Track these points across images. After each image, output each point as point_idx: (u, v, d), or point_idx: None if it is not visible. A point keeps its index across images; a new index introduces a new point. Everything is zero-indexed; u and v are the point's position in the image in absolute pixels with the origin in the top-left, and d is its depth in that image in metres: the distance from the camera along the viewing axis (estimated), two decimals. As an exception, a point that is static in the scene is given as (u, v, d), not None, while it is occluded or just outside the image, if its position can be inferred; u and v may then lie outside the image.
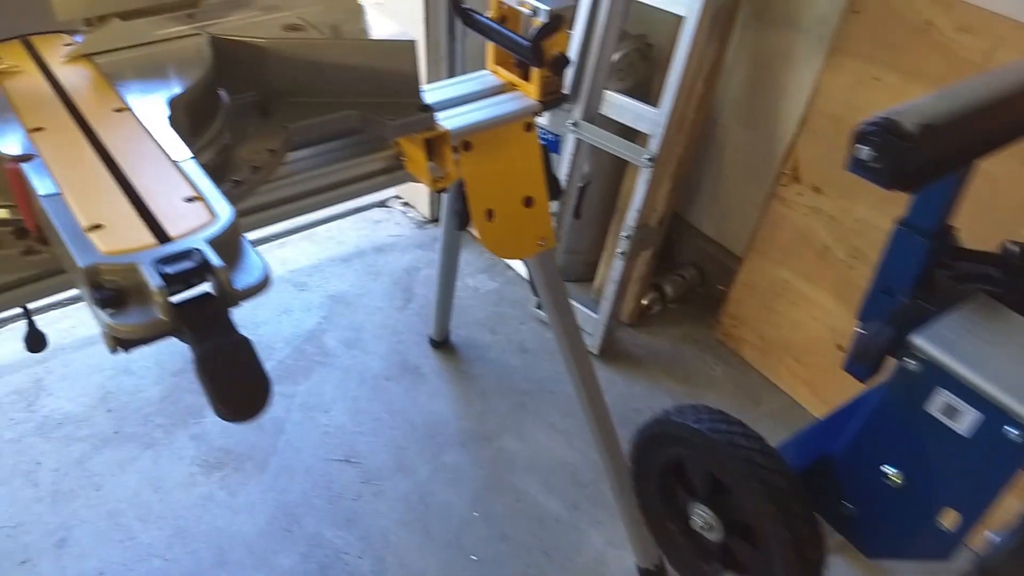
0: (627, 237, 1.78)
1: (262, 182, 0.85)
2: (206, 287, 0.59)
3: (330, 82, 0.96)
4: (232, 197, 0.80)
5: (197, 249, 0.59)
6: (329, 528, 1.57)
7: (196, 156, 0.84)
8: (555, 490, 1.65)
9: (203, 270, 0.59)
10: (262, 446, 1.72)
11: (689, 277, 2.11)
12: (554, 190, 1.23)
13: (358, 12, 1.01)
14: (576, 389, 1.42)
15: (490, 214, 1.16)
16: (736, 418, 0.77)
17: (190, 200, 0.65)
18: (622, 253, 1.80)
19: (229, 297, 0.59)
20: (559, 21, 1.05)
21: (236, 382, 0.58)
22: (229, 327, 0.58)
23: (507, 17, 1.16)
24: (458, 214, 1.20)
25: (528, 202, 1.19)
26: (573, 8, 1.73)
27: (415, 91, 0.98)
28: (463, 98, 1.16)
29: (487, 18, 1.15)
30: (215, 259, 0.58)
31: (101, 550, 1.51)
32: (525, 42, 1.08)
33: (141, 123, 0.75)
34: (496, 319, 2.06)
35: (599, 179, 1.97)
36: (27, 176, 0.67)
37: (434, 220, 2.39)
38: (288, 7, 0.98)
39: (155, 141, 0.72)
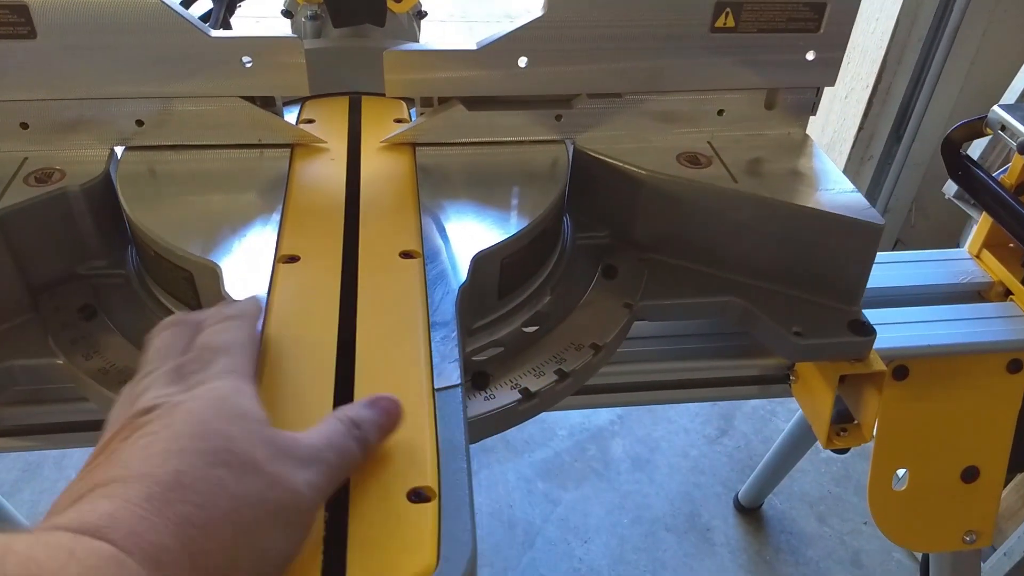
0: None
1: (561, 398, 0.55)
2: None
3: (718, 246, 0.62)
4: (510, 417, 0.52)
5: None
6: None
7: (493, 327, 0.57)
8: None
9: None
10: (506, 554, 1.48)
11: None
12: (1021, 460, 0.76)
13: (798, 148, 0.66)
14: None
15: (900, 478, 0.74)
16: None
17: (417, 496, 0.37)
18: (1060, 511, 1.22)
19: None
20: None
21: None
22: None
23: (1033, 186, 0.71)
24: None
25: (970, 475, 0.74)
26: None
27: (854, 296, 0.60)
28: (912, 292, 0.74)
29: (997, 182, 0.72)
30: None
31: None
32: (1065, 246, 0.63)
33: (424, 291, 0.49)
34: (831, 504, 1.57)
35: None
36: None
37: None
38: (699, 121, 0.65)
39: (427, 341, 0.45)
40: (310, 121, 0.66)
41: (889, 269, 0.75)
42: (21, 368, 0.53)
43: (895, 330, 0.68)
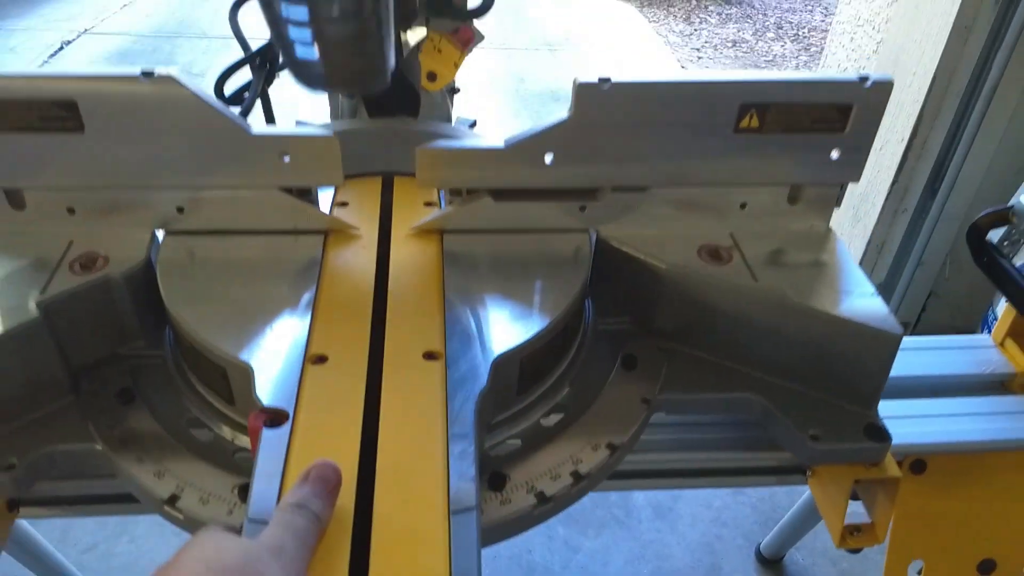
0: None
1: (576, 499, 0.56)
2: None
3: (737, 341, 0.63)
4: (524, 522, 0.53)
5: None
6: None
7: (512, 421, 0.59)
8: None
9: None
10: (522, 598, 1.48)
11: None
12: (1040, 557, 0.75)
13: (821, 243, 0.66)
14: None
15: (912, 573, 0.73)
16: None
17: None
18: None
19: None
20: None
21: None
22: None
23: (1060, 281, 0.71)
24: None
25: (987, 567, 0.73)
26: None
27: (870, 401, 0.61)
28: (933, 382, 0.74)
29: (1021, 274, 0.72)
30: None
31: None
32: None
33: (445, 396, 0.50)
34: (855, 562, 1.55)
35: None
36: (258, 450, 0.47)
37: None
38: (722, 213, 0.66)
39: (445, 455, 0.46)
40: (344, 204, 0.68)
41: (911, 356, 0.75)
42: (62, 453, 0.55)
43: (914, 424, 0.68)
